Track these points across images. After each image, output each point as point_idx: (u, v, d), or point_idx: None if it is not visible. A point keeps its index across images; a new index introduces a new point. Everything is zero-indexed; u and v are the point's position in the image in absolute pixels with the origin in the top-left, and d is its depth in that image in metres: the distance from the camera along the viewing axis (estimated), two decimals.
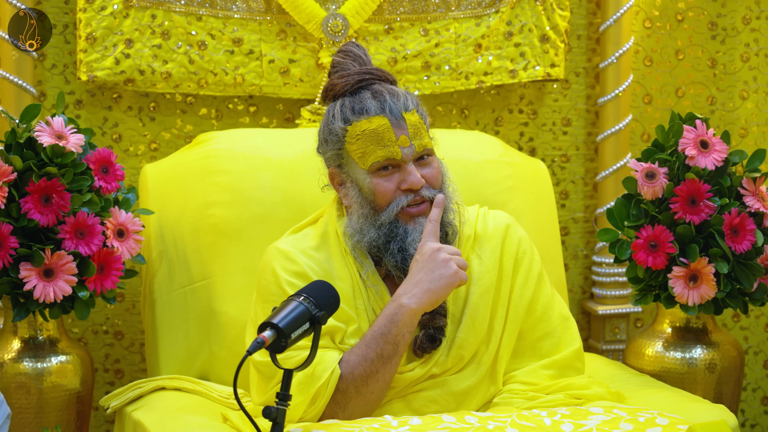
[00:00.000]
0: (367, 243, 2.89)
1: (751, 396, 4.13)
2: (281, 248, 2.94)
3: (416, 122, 2.89)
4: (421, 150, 2.88)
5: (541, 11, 3.76)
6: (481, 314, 2.93)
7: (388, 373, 2.79)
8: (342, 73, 2.95)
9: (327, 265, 2.92)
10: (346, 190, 2.93)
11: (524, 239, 3.02)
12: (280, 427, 2.47)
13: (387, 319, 2.78)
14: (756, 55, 4.05)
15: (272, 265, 2.92)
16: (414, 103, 2.92)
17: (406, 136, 2.86)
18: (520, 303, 2.97)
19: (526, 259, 3.00)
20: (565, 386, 2.91)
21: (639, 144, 4.00)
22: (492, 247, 2.98)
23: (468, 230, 2.99)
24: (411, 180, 2.87)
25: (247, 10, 3.60)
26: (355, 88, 2.92)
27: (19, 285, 3.06)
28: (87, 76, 3.51)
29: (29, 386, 3.18)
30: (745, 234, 3.26)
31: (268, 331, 2.48)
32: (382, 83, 2.93)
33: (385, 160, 2.87)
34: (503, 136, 3.88)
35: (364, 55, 3.00)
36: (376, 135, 2.86)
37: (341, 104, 2.91)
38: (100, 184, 3.14)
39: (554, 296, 3.03)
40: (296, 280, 2.88)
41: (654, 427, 2.64)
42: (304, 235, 2.99)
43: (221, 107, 3.70)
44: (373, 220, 2.89)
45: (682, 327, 3.48)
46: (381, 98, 2.88)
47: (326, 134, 2.94)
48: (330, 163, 2.96)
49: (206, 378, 3.27)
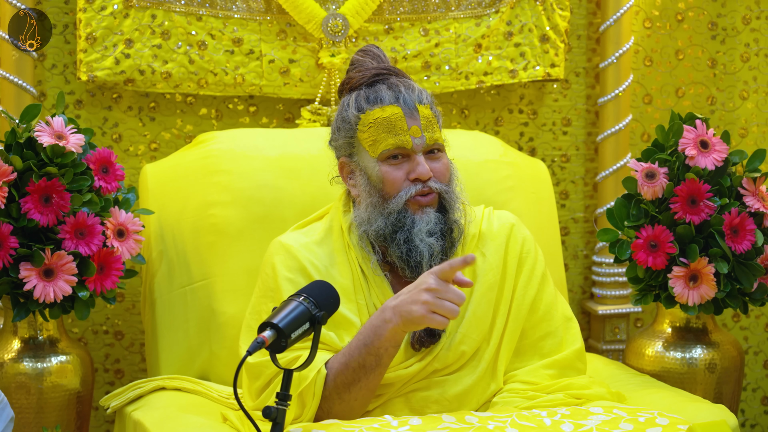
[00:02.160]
0: (374, 232, 2.91)
1: (751, 396, 4.13)
2: (284, 243, 2.97)
3: (429, 116, 2.92)
4: (432, 143, 2.92)
5: (541, 11, 3.76)
6: (483, 311, 2.93)
7: (372, 383, 2.79)
8: (359, 68, 3.00)
9: (328, 260, 2.93)
10: (354, 180, 2.96)
11: (528, 239, 3.04)
12: (280, 427, 2.47)
13: (371, 330, 2.77)
14: (756, 55, 4.05)
15: (273, 259, 2.95)
16: (428, 99, 2.96)
17: (417, 127, 2.90)
18: (522, 302, 2.97)
19: (529, 259, 3.01)
20: (565, 386, 2.91)
21: (639, 144, 4.00)
22: (496, 245, 3.00)
23: (473, 229, 3.01)
24: (419, 170, 2.89)
25: (247, 10, 3.60)
26: (371, 81, 2.96)
27: (19, 285, 3.06)
28: (87, 76, 3.51)
29: (29, 386, 3.18)
30: (745, 234, 3.26)
31: (268, 331, 2.48)
32: (398, 78, 2.97)
33: (396, 148, 2.89)
34: (503, 136, 3.88)
35: (383, 55, 3.04)
36: (388, 123, 2.89)
37: (356, 95, 2.95)
38: (100, 184, 3.14)
39: (557, 296, 3.04)
40: (295, 276, 2.90)
41: (654, 427, 2.64)
42: (308, 230, 3.02)
43: (221, 107, 3.70)
44: (381, 209, 2.91)
45: (682, 327, 3.48)
46: (396, 89, 2.92)
47: (339, 122, 2.97)
48: (341, 152, 2.98)
49: (206, 378, 3.27)
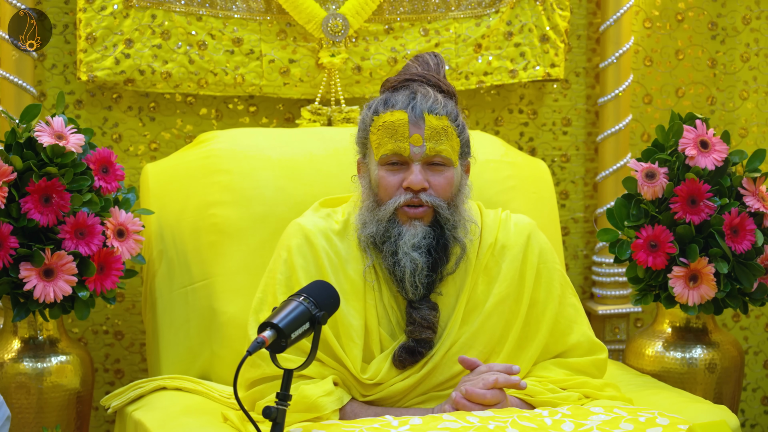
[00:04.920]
0: (368, 237, 2.89)
1: (751, 396, 4.13)
2: (304, 226, 2.94)
3: (438, 126, 2.86)
4: (433, 154, 2.86)
5: (541, 11, 3.76)
6: (493, 323, 2.91)
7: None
8: (402, 72, 2.99)
9: (345, 254, 2.91)
10: (362, 180, 2.95)
11: (545, 248, 2.99)
12: (280, 427, 2.47)
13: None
14: (756, 55, 4.05)
15: (290, 242, 2.93)
16: (447, 112, 2.88)
17: (419, 136, 2.85)
18: (542, 318, 2.94)
19: (546, 270, 2.97)
20: (581, 383, 2.90)
21: (639, 144, 4.00)
22: (513, 255, 2.95)
23: (489, 237, 2.96)
24: (411, 179, 2.85)
25: (247, 10, 3.60)
26: (400, 84, 2.94)
27: (19, 285, 3.06)
28: (87, 76, 3.51)
29: (29, 386, 3.18)
30: (745, 234, 3.26)
31: (268, 331, 2.48)
32: (427, 86, 2.93)
33: (393, 154, 2.87)
34: (503, 136, 3.88)
35: (435, 64, 3.00)
36: (392, 128, 2.87)
37: (380, 97, 2.94)
38: (100, 184, 3.14)
39: (578, 312, 2.99)
40: (307, 264, 2.89)
41: (654, 426, 2.64)
42: (331, 214, 2.99)
43: (221, 107, 3.70)
44: (374, 214, 2.89)
45: (682, 327, 3.48)
46: (412, 96, 2.89)
47: (360, 122, 2.97)
48: (359, 151, 2.98)
49: (207, 378, 3.27)
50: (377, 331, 2.89)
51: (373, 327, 2.88)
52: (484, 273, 2.94)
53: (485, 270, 2.94)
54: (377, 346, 2.89)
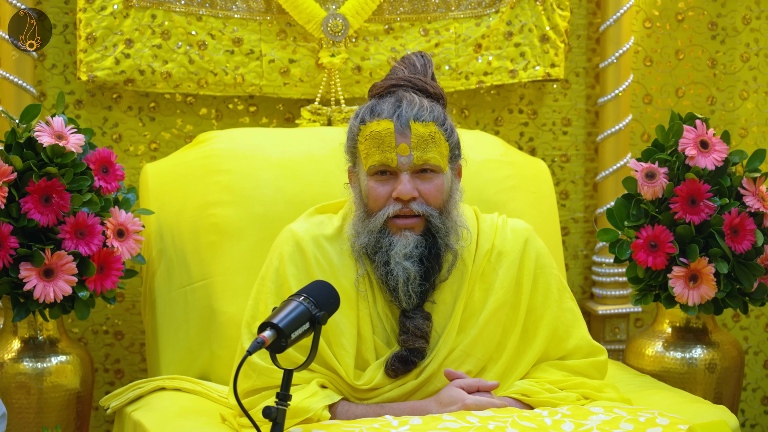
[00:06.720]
0: (360, 247, 2.88)
1: (751, 396, 4.13)
2: (296, 233, 2.93)
3: (424, 134, 2.83)
4: (421, 163, 2.83)
5: (541, 11, 3.76)
6: (491, 330, 2.90)
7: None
8: (389, 76, 2.95)
9: (338, 261, 2.90)
10: (353, 189, 2.93)
11: (542, 254, 2.97)
12: (280, 427, 2.47)
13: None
14: (756, 55, 4.05)
15: (282, 250, 2.92)
16: (434, 117, 2.85)
17: (406, 145, 2.82)
18: (539, 323, 2.93)
19: (543, 276, 2.95)
20: (578, 384, 2.89)
21: (639, 144, 4.00)
22: (510, 262, 2.94)
23: (486, 243, 2.95)
24: (400, 189, 2.82)
25: (247, 10, 3.60)
26: (386, 91, 2.91)
27: (19, 285, 3.06)
28: (87, 76, 3.51)
29: (29, 386, 3.18)
30: (745, 234, 3.26)
31: (268, 331, 2.48)
32: (412, 91, 2.89)
33: (380, 165, 2.84)
34: (503, 136, 3.88)
35: (422, 65, 2.96)
36: (379, 138, 2.83)
37: (367, 104, 2.90)
38: (100, 184, 3.14)
39: (576, 316, 2.98)
40: (299, 272, 2.88)
41: (654, 427, 2.64)
42: (325, 221, 2.97)
43: (221, 107, 3.70)
44: (365, 224, 2.87)
45: (682, 327, 3.48)
46: (398, 104, 2.85)
47: (348, 131, 2.93)
48: (349, 160, 2.95)
49: (207, 378, 3.26)
50: (371, 339, 2.88)
51: (368, 335, 2.87)
52: (481, 280, 2.93)
53: (482, 277, 2.93)
54: (371, 353, 2.88)
